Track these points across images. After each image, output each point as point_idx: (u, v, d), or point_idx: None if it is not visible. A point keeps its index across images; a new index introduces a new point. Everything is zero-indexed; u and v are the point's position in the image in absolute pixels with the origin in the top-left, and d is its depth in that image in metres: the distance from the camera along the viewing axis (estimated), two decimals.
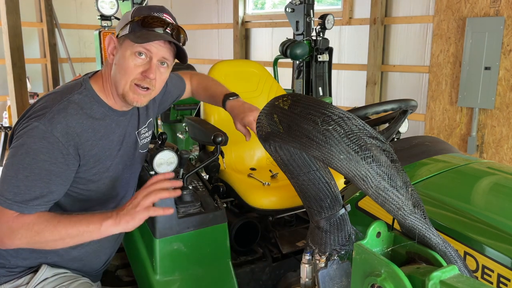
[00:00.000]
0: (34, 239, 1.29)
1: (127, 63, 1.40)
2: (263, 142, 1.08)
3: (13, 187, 1.28)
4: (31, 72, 6.91)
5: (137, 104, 1.47)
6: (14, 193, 1.27)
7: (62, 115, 1.34)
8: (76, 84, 1.47)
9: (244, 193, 2.05)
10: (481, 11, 4.51)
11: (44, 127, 1.31)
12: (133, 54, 1.39)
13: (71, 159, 1.37)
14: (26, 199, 1.28)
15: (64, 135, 1.34)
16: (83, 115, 1.40)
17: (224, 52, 7.26)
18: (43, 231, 1.28)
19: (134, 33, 1.39)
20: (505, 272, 1.07)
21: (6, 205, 1.28)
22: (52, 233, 1.28)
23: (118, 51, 1.43)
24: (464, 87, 4.66)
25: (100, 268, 1.69)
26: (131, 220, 1.31)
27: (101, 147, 1.46)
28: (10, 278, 1.49)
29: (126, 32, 1.41)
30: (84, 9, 7.69)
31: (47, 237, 1.28)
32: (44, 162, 1.30)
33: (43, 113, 1.33)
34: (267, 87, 2.55)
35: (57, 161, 1.33)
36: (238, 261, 2.02)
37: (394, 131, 1.64)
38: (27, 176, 1.29)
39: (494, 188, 1.44)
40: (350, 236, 1.17)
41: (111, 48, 1.46)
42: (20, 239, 1.27)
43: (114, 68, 1.44)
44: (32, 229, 1.27)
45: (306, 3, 4.07)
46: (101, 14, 2.99)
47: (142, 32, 1.38)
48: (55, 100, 1.38)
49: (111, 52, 1.46)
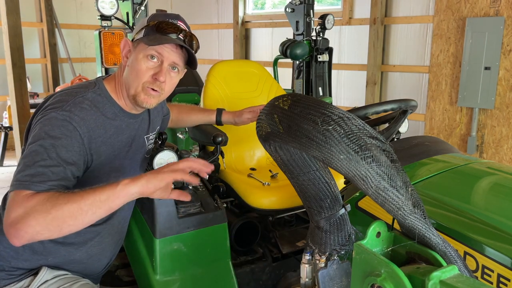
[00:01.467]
0: (50, 214, 1.16)
1: (139, 65, 1.43)
2: (263, 142, 1.08)
3: (29, 170, 1.24)
4: (31, 72, 6.91)
5: (146, 106, 1.49)
6: (31, 176, 1.23)
7: (78, 108, 1.37)
8: (90, 83, 1.51)
9: (244, 193, 2.05)
10: (481, 11, 4.51)
11: (62, 116, 1.33)
12: (146, 57, 1.43)
13: (85, 149, 1.38)
14: (43, 180, 1.24)
15: (81, 126, 1.36)
16: (96, 112, 1.43)
17: (224, 52, 7.26)
18: (59, 203, 1.17)
19: (147, 37, 1.43)
20: (505, 272, 1.07)
21: (22, 186, 1.22)
22: (67, 203, 1.17)
23: (132, 54, 1.47)
24: (464, 87, 4.66)
25: (101, 271, 1.69)
26: (152, 178, 1.24)
27: (110, 146, 1.48)
28: (10, 281, 1.48)
29: (141, 36, 1.45)
30: (84, 9, 7.69)
31: (64, 209, 1.16)
32: (61, 148, 1.30)
33: (60, 105, 1.36)
34: (267, 87, 2.55)
35: (73, 149, 1.34)
36: (238, 261, 2.02)
37: (394, 131, 1.64)
38: (45, 159, 1.27)
39: (494, 188, 1.44)
40: (350, 236, 1.17)
41: (126, 51, 1.50)
42: (35, 217, 1.15)
43: (126, 70, 1.48)
44: (46, 203, 1.17)
45: (306, 3, 4.07)
46: (101, 14, 2.99)
47: (156, 36, 1.42)
48: (70, 95, 1.41)
49: (125, 55, 1.49)
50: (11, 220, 1.17)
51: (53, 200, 1.18)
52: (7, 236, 1.19)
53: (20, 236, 1.17)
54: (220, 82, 2.43)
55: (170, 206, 1.71)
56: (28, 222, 1.15)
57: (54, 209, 1.16)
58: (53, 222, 1.17)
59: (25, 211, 1.17)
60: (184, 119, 2.08)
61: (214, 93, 2.40)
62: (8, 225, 1.17)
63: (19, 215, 1.16)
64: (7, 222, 1.18)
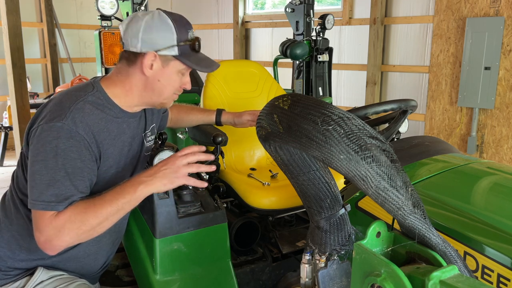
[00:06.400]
0: (81, 229, 1.30)
1: (175, 81, 1.52)
2: (263, 142, 1.08)
3: (53, 189, 1.30)
4: (31, 72, 6.91)
5: (167, 106, 1.62)
6: (56, 195, 1.30)
7: (81, 114, 1.38)
8: (87, 85, 1.49)
9: (244, 193, 2.05)
10: (481, 11, 4.51)
11: (69, 126, 1.34)
12: (180, 72, 1.52)
13: (95, 155, 1.42)
14: (67, 196, 1.31)
15: (87, 133, 1.38)
16: (98, 115, 1.43)
17: (224, 52, 7.26)
18: (87, 219, 1.30)
19: (187, 57, 1.48)
20: (505, 272, 1.07)
21: (50, 208, 1.29)
22: (95, 217, 1.30)
23: (160, 68, 1.48)
24: (464, 87, 4.66)
25: (97, 270, 1.69)
26: (169, 183, 1.39)
27: (115, 147, 1.49)
28: (5, 281, 1.49)
29: (175, 53, 1.46)
30: (84, 9, 7.69)
31: (92, 222, 1.30)
32: (75, 161, 1.34)
33: (62, 113, 1.35)
34: (267, 87, 2.55)
35: (86, 158, 1.37)
36: (238, 261, 2.02)
37: (394, 131, 1.64)
38: (64, 176, 1.31)
39: (494, 188, 1.44)
40: (350, 236, 1.17)
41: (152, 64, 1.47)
42: (69, 234, 1.29)
43: (153, 81, 1.49)
44: (76, 221, 1.29)
45: (306, 3, 4.06)
46: (101, 14, 2.99)
47: (197, 57, 1.51)
48: (70, 99, 1.41)
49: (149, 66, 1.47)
50: (45, 238, 1.30)
51: (81, 216, 1.30)
52: (44, 251, 1.32)
53: (56, 249, 1.32)
54: (220, 82, 2.43)
55: (170, 206, 1.71)
56: (62, 238, 1.29)
57: (84, 225, 1.30)
58: (85, 234, 1.32)
59: (57, 230, 1.29)
60: (183, 119, 2.08)
61: (214, 93, 2.40)
62: (43, 242, 1.30)
63: (52, 234, 1.29)
64: (40, 240, 1.30)
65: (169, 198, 1.70)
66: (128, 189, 1.34)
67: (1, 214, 1.54)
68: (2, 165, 5.96)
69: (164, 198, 1.69)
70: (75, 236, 1.30)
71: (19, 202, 1.48)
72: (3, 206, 1.55)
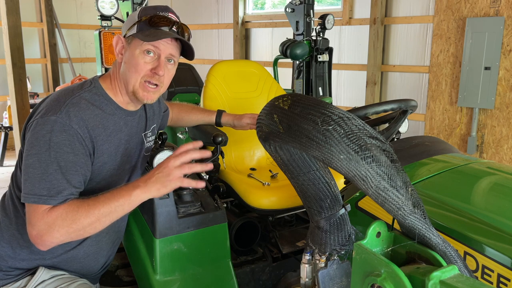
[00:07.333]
0: (72, 228, 1.28)
1: (137, 61, 1.44)
2: (263, 142, 1.08)
3: (45, 182, 1.29)
4: (31, 72, 6.91)
5: (147, 101, 1.51)
6: (47, 189, 1.29)
7: (76, 109, 1.38)
8: (85, 82, 1.51)
9: (244, 193, 2.05)
10: (481, 11, 4.51)
11: (62, 120, 1.33)
12: (142, 52, 1.44)
13: (89, 150, 1.40)
14: (60, 190, 1.30)
15: (81, 127, 1.37)
16: (94, 111, 1.43)
17: (224, 52, 7.26)
18: (78, 218, 1.28)
19: (142, 32, 1.43)
20: (505, 272, 1.07)
21: (42, 201, 1.29)
22: (87, 217, 1.29)
23: (127, 50, 1.47)
24: (464, 87, 4.66)
25: (98, 271, 1.69)
26: (162, 188, 1.34)
27: (110, 144, 1.49)
28: (6, 281, 1.49)
29: (134, 31, 1.45)
30: (84, 9, 7.69)
31: (83, 222, 1.29)
32: (68, 154, 1.33)
33: (57, 107, 1.36)
34: (267, 87, 2.55)
35: (79, 152, 1.36)
36: (238, 261, 2.02)
37: (394, 131, 1.64)
38: (56, 169, 1.31)
39: (494, 188, 1.44)
40: (350, 236, 1.17)
41: (119, 47, 1.50)
42: (58, 231, 1.28)
43: (123, 66, 1.48)
44: (67, 218, 1.28)
45: (306, 3, 4.07)
46: (101, 14, 2.99)
47: (150, 31, 1.43)
48: (67, 95, 1.41)
49: (119, 51, 1.50)
50: (36, 233, 1.29)
51: (73, 214, 1.29)
52: (36, 246, 1.31)
53: (47, 245, 1.31)
54: (220, 82, 2.43)
55: (170, 206, 1.71)
56: (52, 234, 1.28)
57: (74, 224, 1.29)
58: (75, 233, 1.31)
59: (48, 225, 1.28)
60: (184, 118, 2.08)
61: (214, 93, 2.40)
62: (34, 237, 1.29)
63: (43, 229, 1.28)
64: (32, 234, 1.30)
65: (169, 198, 1.70)
66: (123, 193, 1.32)
67: (1, 213, 1.54)
68: (2, 165, 5.96)
69: (164, 198, 1.69)
70: (65, 233, 1.28)
71: (17, 201, 1.48)
72: (3, 206, 1.55)
